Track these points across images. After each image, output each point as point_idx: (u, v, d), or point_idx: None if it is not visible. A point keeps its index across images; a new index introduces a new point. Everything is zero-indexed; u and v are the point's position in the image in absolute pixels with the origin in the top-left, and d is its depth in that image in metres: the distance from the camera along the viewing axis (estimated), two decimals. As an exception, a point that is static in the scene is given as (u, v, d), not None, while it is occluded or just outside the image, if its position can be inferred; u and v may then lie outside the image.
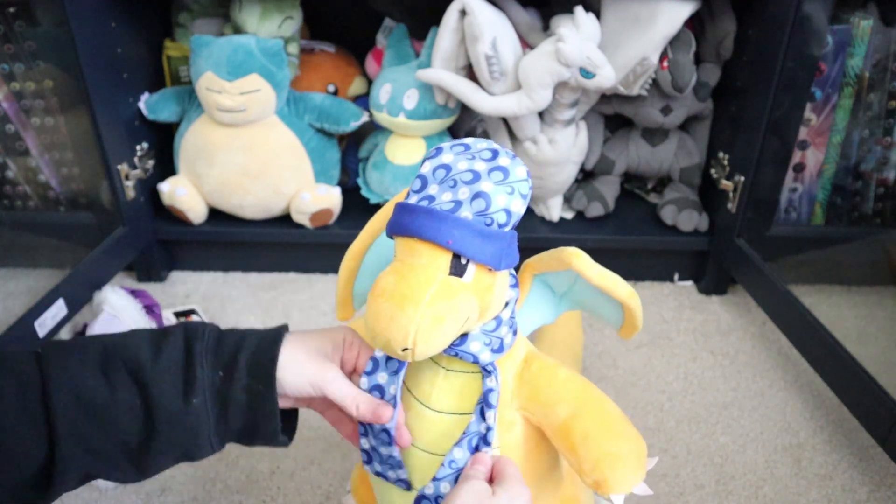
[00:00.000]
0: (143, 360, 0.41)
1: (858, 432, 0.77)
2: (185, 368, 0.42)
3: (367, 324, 0.41)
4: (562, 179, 0.98)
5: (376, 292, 0.41)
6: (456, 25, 0.86)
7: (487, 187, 0.41)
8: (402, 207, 0.42)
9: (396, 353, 0.40)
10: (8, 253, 1.04)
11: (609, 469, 0.44)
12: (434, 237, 0.40)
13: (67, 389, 0.40)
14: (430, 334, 0.40)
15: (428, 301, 0.40)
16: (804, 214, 1.01)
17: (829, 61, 0.89)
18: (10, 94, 0.91)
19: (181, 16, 1.02)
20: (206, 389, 0.42)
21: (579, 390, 0.47)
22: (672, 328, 0.95)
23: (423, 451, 0.47)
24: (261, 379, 0.43)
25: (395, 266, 0.42)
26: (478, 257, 0.41)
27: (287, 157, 0.95)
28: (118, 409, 0.40)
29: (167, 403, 0.41)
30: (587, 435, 0.45)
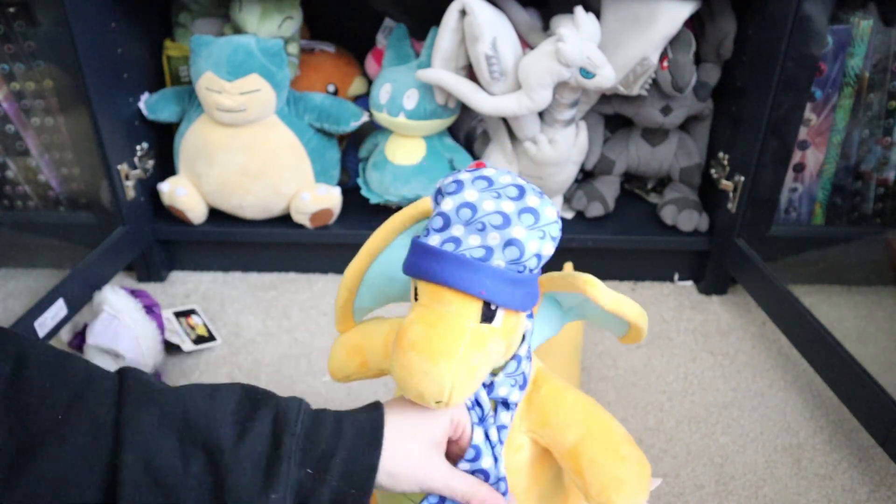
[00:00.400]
0: (225, 441, 0.38)
1: (858, 432, 0.77)
2: (268, 462, 0.39)
3: (398, 376, 0.40)
4: (562, 179, 0.98)
5: (405, 345, 0.39)
6: (456, 25, 0.86)
7: (520, 234, 0.39)
8: (426, 251, 0.40)
9: (429, 404, 0.40)
10: (8, 253, 1.04)
11: (615, 493, 0.45)
12: (466, 287, 0.39)
13: (140, 453, 0.37)
14: (465, 386, 0.40)
15: (462, 354, 0.39)
16: (804, 214, 1.01)
17: (829, 61, 0.89)
18: (10, 94, 0.91)
19: (181, 16, 1.02)
20: (289, 487, 0.39)
21: (587, 415, 0.47)
22: (672, 328, 0.95)
23: None
24: (355, 484, 0.40)
25: (422, 314, 0.40)
26: (509, 304, 0.40)
27: (287, 157, 0.95)
28: (188, 487, 0.37)
29: (241, 496, 0.38)
30: (594, 461, 0.45)
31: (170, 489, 0.37)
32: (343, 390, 0.83)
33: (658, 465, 0.73)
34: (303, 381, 0.84)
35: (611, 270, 1.06)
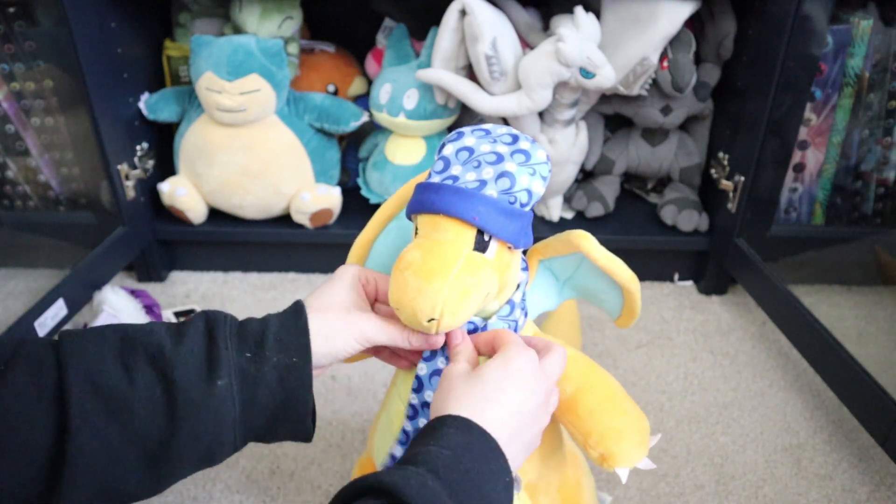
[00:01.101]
0: (164, 345, 0.39)
1: (858, 432, 0.77)
2: (208, 351, 0.40)
3: (393, 296, 0.42)
4: (562, 179, 0.98)
5: (401, 266, 0.42)
6: (456, 25, 0.86)
7: (511, 167, 0.42)
8: (425, 186, 0.43)
9: (422, 324, 0.41)
10: (8, 253, 1.04)
11: (614, 443, 0.46)
12: (460, 213, 0.41)
13: (84, 377, 0.37)
14: (457, 307, 0.41)
15: (455, 274, 0.41)
16: (804, 214, 1.01)
17: (829, 61, 0.89)
18: (10, 94, 0.91)
19: (181, 16, 1.02)
20: (232, 371, 0.40)
21: (585, 368, 0.49)
22: (672, 328, 0.95)
23: None
24: (294, 352, 0.41)
25: (420, 241, 0.43)
26: (501, 234, 0.42)
27: (287, 157, 0.95)
28: (137, 398, 0.37)
29: (189, 387, 0.38)
30: (592, 410, 0.47)
31: (120, 402, 0.37)
32: (343, 390, 0.83)
33: (658, 465, 0.73)
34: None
35: (611, 270, 1.06)
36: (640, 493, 0.70)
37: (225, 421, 0.39)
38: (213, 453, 0.40)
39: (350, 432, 0.77)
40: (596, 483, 0.68)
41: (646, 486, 0.71)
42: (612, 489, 0.70)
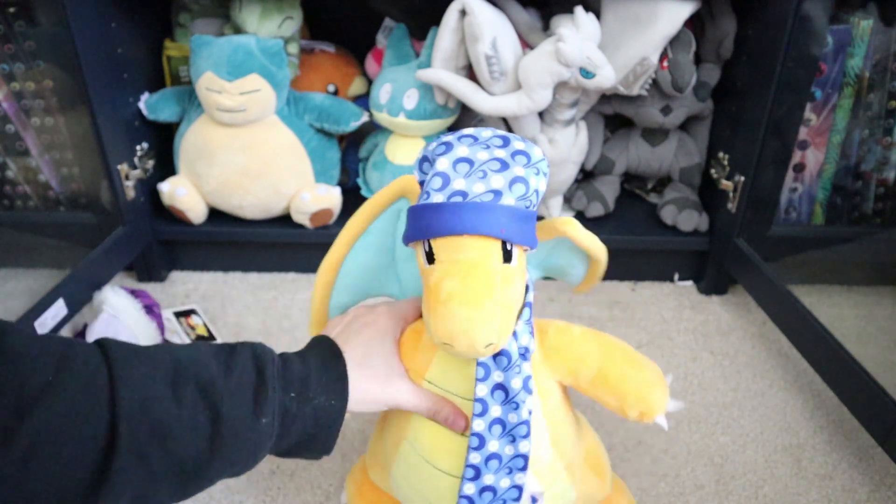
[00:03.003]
0: (215, 377, 0.41)
1: (858, 432, 0.77)
2: (255, 391, 0.42)
3: (442, 331, 0.41)
4: (562, 179, 0.98)
5: (443, 299, 0.40)
6: (456, 25, 0.86)
7: (521, 172, 0.42)
8: (436, 208, 0.41)
9: (479, 352, 0.41)
10: (8, 253, 1.04)
11: (649, 393, 0.49)
12: (487, 230, 0.41)
13: (134, 396, 0.38)
14: (508, 326, 0.41)
15: (499, 294, 0.41)
16: (804, 214, 1.01)
17: (829, 61, 0.89)
18: (10, 94, 0.91)
19: (181, 16, 1.02)
20: (276, 410, 0.42)
21: (598, 341, 0.50)
22: (672, 328, 0.95)
23: (445, 472, 0.49)
24: (334, 396, 0.44)
25: (448, 268, 0.41)
26: (524, 241, 0.42)
27: (287, 157, 0.95)
28: (184, 425, 0.39)
29: (236, 423, 0.40)
30: (623, 375, 0.49)
31: (167, 427, 0.39)
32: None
33: (658, 465, 0.73)
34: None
35: (611, 270, 1.05)
36: (640, 492, 0.70)
37: (261, 451, 0.43)
38: (239, 472, 0.43)
39: (350, 432, 0.77)
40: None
41: (646, 486, 0.71)
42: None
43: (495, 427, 0.46)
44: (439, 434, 0.49)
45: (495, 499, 0.47)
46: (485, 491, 0.47)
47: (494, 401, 0.46)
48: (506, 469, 0.47)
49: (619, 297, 1.02)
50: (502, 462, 0.47)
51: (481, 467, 0.46)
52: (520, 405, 0.46)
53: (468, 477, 0.47)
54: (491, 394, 0.46)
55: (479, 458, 0.46)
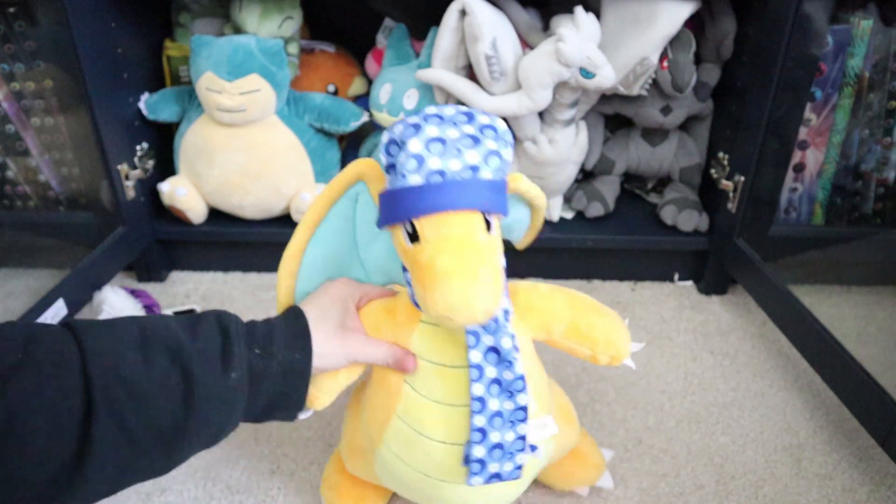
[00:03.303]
0: (181, 339, 0.42)
1: (858, 432, 0.77)
2: (223, 349, 0.44)
3: (442, 305, 0.42)
4: (562, 179, 0.98)
5: (439, 275, 0.42)
6: (456, 25, 0.86)
7: (493, 146, 0.44)
8: (416, 190, 0.43)
9: (478, 320, 0.42)
10: (8, 253, 1.04)
11: (616, 340, 0.53)
12: (471, 204, 0.43)
13: (107, 365, 0.39)
14: (501, 293, 0.43)
15: (489, 261, 0.43)
16: (804, 214, 1.01)
17: (829, 61, 0.89)
18: (10, 94, 0.91)
19: (181, 16, 1.02)
20: (244, 365, 0.44)
21: (565, 295, 0.54)
22: (672, 328, 0.95)
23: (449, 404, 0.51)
24: (297, 350, 0.47)
25: (437, 246, 0.43)
26: (502, 210, 0.45)
27: (287, 157, 0.95)
28: (157, 386, 0.40)
29: (208, 381, 0.42)
30: (591, 324, 0.53)
31: (141, 389, 0.40)
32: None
33: (658, 465, 0.73)
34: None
35: (611, 270, 1.06)
36: (640, 492, 0.70)
37: (235, 410, 0.44)
38: (217, 436, 0.44)
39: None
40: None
41: (646, 485, 0.71)
42: (614, 488, 0.70)
43: (493, 387, 0.48)
44: (430, 405, 0.51)
45: (504, 454, 0.49)
46: (494, 449, 0.49)
47: (489, 363, 0.48)
48: (509, 423, 0.49)
49: (619, 297, 1.02)
50: (505, 418, 0.49)
51: (486, 428, 0.48)
52: (513, 362, 0.48)
53: (476, 441, 0.48)
54: (485, 357, 0.48)
55: (483, 420, 0.48)
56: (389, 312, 0.53)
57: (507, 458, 0.50)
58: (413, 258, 0.44)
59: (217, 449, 0.74)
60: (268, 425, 0.77)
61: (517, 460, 0.50)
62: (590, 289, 1.04)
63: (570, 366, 0.87)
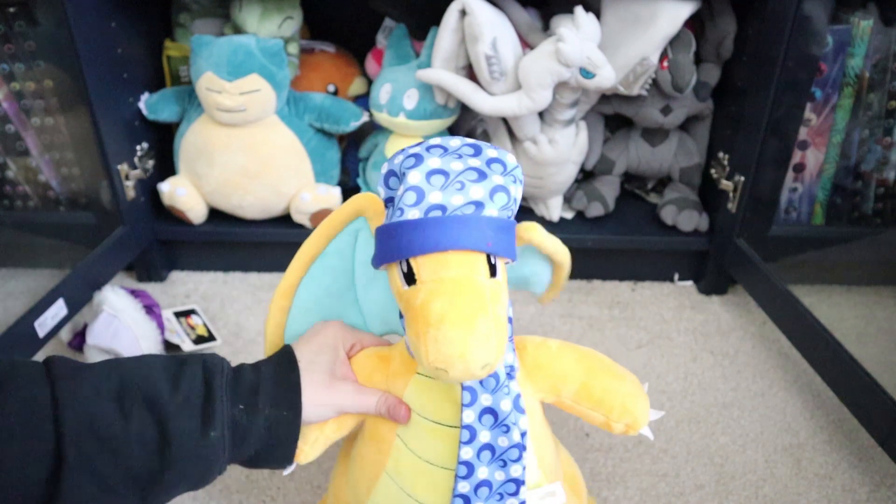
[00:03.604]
0: (161, 392, 0.41)
1: (858, 432, 0.77)
2: (204, 403, 0.41)
3: (436, 356, 0.38)
4: (562, 179, 0.98)
5: (433, 322, 0.38)
6: (456, 25, 0.86)
7: (500, 181, 0.40)
8: (414, 225, 0.39)
9: (475, 375, 0.38)
10: (8, 253, 1.04)
11: (633, 408, 0.48)
12: (474, 244, 0.39)
13: (79, 415, 0.38)
14: (503, 343, 0.39)
15: (491, 310, 0.38)
16: (804, 214, 1.01)
17: (829, 61, 0.89)
18: (10, 94, 0.91)
19: (181, 16, 1.02)
20: (226, 423, 0.42)
21: (577, 355, 0.49)
22: (672, 328, 0.95)
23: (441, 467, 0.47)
24: (286, 406, 0.44)
25: (434, 288, 0.38)
26: (507, 253, 0.40)
27: (287, 157, 0.95)
28: (131, 439, 0.39)
29: (185, 438, 0.40)
30: (606, 388, 0.48)
31: (115, 441, 0.39)
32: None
33: (658, 464, 0.73)
34: (303, 381, 0.84)
35: (611, 270, 1.06)
36: (641, 492, 0.70)
37: (214, 466, 0.42)
38: (198, 485, 0.43)
39: (350, 432, 0.77)
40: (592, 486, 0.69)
41: (646, 485, 0.71)
42: (614, 488, 0.70)
43: (484, 453, 0.44)
44: (422, 466, 0.47)
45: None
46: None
47: (483, 426, 0.44)
48: (496, 496, 0.45)
49: (619, 297, 1.02)
50: (493, 489, 0.45)
51: (470, 496, 0.45)
52: (510, 428, 0.44)
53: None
54: (479, 419, 0.43)
55: (467, 487, 0.44)
56: (384, 361, 0.49)
57: None
58: (408, 301, 0.40)
59: (217, 449, 0.74)
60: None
61: None
62: (590, 289, 1.04)
63: (570, 366, 0.87)
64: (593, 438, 0.76)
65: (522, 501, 0.46)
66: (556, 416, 0.76)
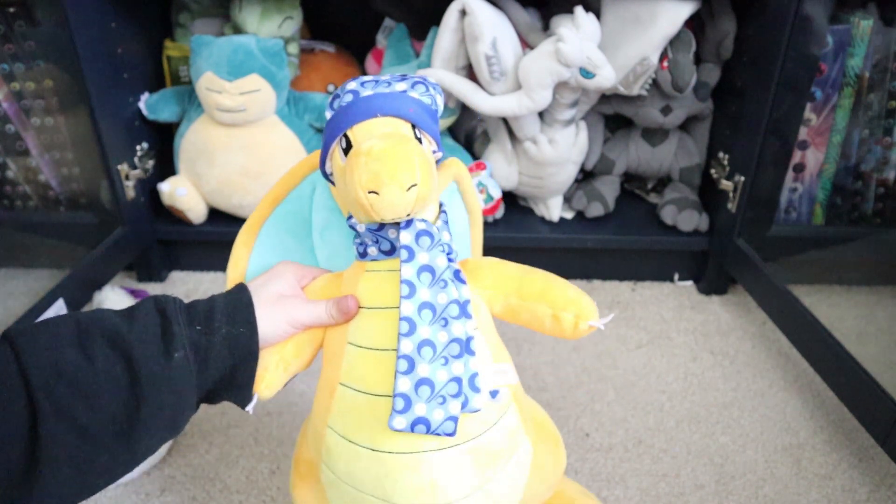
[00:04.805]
0: (119, 328, 0.41)
1: (858, 432, 0.77)
2: (162, 328, 0.43)
3: (367, 177, 0.41)
4: (562, 179, 0.98)
5: (365, 151, 0.42)
6: (456, 25, 0.86)
7: (419, 80, 0.47)
8: (349, 104, 0.45)
9: (404, 196, 0.42)
10: (8, 253, 1.04)
11: (578, 301, 0.48)
12: (397, 109, 0.45)
13: (45, 364, 0.38)
14: (428, 175, 0.42)
15: (419, 153, 0.42)
16: (804, 214, 1.01)
17: (829, 61, 0.89)
18: (10, 94, 0.91)
19: (181, 16, 1.02)
20: (186, 344, 0.43)
21: (515, 264, 0.51)
22: (672, 328, 0.95)
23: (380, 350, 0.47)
24: (241, 324, 0.45)
25: (366, 139, 0.43)
26: (430, 131, 0.46)
27: (287, 156, 0.95)
28: (100, 378, 0.39)
29: (152, 365, 0.41)
30: (546, 283, 0.49)
31: (84, 384, 0.39)
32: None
33: (658, 464, 0.73)
34: (302, 380, 0.84)
35: (611, 270, 1.06)
36: (640, 492, 0.70)
37: (185, 390, 0.42)
38: (176, 421, 0.43)
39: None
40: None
41: (646, 485, 0.71)
42: (614, 488, 0.70)
43: (425, 311, 0.44)
44: (372, 356, 0.47)
45: (434, 394, 0.44)
46: (421, 384, 0.44)
47: (422, 283, 0.45)
48: (441, 359, 0.44)
49: (619, 297, 1.02)
50: (436, 350, 0.44)
51: (414, 357, 0.44)
52: (448, 283, 0.45)
53: (401, 370, 0.44)
54: (417, 275, 0.45)
55: (410, 346, 0.44)
56: (336, 279, 0.51)
57: (436, 403, 0.43)
58: (346, 165, 0.44)
59: (217, 449, 0.74)
60: (268, 424, 0.77)
61: (450, 409, 0.44)
62: (590, 289, 1.04)
63: (570, 366, 0.87)
64: (593, 438, 0.76)
65: (474, 374, 0.45)
66: (554, 418, 0.76)
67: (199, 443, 0.75)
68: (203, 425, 0.77)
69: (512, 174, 0.98)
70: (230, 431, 0.77)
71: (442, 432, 0.44)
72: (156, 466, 0.72)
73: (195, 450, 0.74)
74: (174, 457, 0.73)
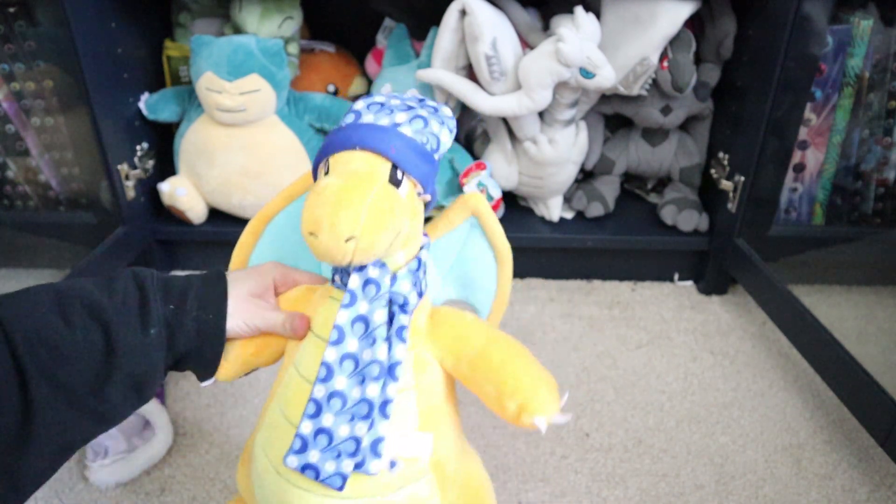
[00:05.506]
0: (99, 298, 0.43)
1: (858, 432, 0.77)
2: (140, 305, 0.44)
3: (309, 217, 0.41)
4: (562, 179, 0.98)
5: (317, 189, 0.41)
6: (456, 25, 0.86)
7: (423, 113, 0.45)
8: (339, 128, 0.44)
9: (340, 246, 0.40)
10: (8, 253, 1.04)
11: (531, 390, 0.43)
12: (377, 144, 0.42)
13: (26, 327, 0.40)
14: (374, 228, 0.41)
15: (374, 195, 0.41)
16: (804, 214, 1.01)
17: (829, 61, 0.89)
18: (10, 94, 0.91)
19: (181, 16, 1.02)
20: (161, 322, 0.44)
21: (487, 327, 0.48)
22: (672, 328, 0.95)
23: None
24: (211, 311, 0.47)
25: (335, 173, 0.42)
26: (414, 172, 0.43)
27: (287, 157, 0.95)
28: (79, 345, 0.41)
29: (129, 338, 0.42)
30: (504, 360, 0.45)
31: (64, 350, 0.41)
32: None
33: (658, 464, 0.73)
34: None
35: (611, 270, 1.06)
36: (640, 492, 0.70)
37: (157, 365, 0.44)
38: (143, 388, 0.44)
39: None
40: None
41: (646, 485, 0.71)
42: (614, 488, 0.70)
43: (347, 362, 0.44)
44: (301, 385, 0.46)
45: (330, 446, 0.43)
46: (320, 433, 0.43)
47: (353, 333, 0.44)
48: (347, 414, 0.43)
49: (619, 297, 1.02)
50: (345, 404, 0.43)
51: (323, 404, 0.43)
52: (377, 340, 0.44)
53: (308, 413, 0.44)
54: (351, 325, 0.44)
55: (322, 392, 0.44)
56: (309, 294, 0.51)
57: (331, 455, 0.43)
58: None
59: (217, 449, 0.74)
60: (268, 425, 0.77)
61: (342, 466, 0.43)
62: (590, 289, 1.04)
63: (570, 366, 0.87)
64: (593, 438, 0.76)
65: (378, 439, 0.43)
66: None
67: (199, 443, 0.75)
68: (203, 425, 0.77)
69: (512, 174, 0.99)
70: (230, 431, 0.77)
71: (330, 484, 0.43)
72: (156, 466, 0.72)
73: (195, 450, 0.74)
74: (174, 457, 0.73)
